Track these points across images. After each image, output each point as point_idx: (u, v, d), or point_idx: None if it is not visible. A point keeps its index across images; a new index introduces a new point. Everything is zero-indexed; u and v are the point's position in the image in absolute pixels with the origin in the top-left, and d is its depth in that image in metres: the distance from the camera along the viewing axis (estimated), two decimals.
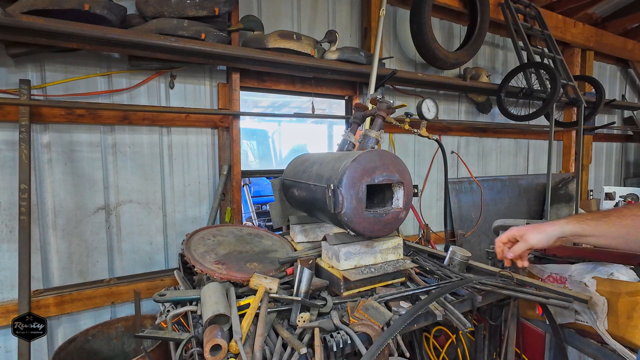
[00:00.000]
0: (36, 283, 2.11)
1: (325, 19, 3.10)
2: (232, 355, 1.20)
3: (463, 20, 3.76)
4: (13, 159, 2.00)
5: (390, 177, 1.60)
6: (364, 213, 1.54)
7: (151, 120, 2.36)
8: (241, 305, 1.43)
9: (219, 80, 2.60)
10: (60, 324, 2.18)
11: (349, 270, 1.60)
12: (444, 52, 3.23)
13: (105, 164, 2.27)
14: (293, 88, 2.91)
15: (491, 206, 4.06)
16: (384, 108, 1.86)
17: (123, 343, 2.19)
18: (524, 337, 2.16)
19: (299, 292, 1.48)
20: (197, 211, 2.60)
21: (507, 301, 1.81)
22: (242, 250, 1.95)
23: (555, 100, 3.46)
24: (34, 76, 2.06)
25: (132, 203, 2.37)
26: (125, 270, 2.37)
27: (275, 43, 2.45)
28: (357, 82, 3.15)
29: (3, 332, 2.01)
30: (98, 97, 2.23)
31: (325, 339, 1.28)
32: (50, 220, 2.14)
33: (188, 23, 2.17)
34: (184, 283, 1.79)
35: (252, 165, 6.95)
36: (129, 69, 2.29)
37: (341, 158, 1.61)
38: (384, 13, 2.88)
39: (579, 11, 4.50)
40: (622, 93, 5.66)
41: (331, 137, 5.72)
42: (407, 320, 1.35)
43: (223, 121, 2.58)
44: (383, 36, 3.07)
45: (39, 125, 2.09)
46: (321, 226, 2.14)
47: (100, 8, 1.91)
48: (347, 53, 2.75)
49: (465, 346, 2.04)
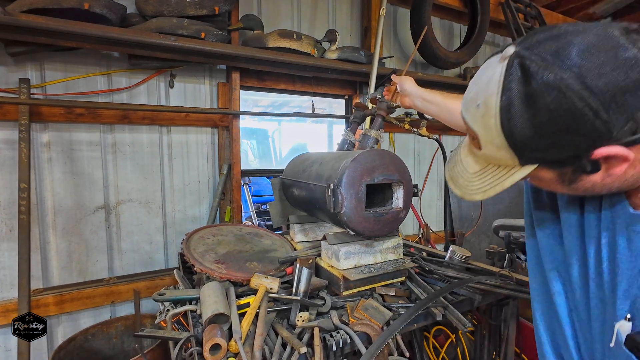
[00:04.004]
0: (36, 282, 2.11)
1: (326, 18, 3.10)
2: (232, 354, 1.20)
3: (463, 20, 3.76)
4: (13, 158, 2.00)
5: (390, 176, 1.60)
6: (363, 212, 1.54)
7: (151, 119, 2.35)
8: (241, 304, 1.43)
9: (218, 80, 2.60)
10: (60, 323, 2.18)
11: (348, 270, 1.60)
12: (444, 52, 3.23)
13: (105, 163, 2.27)
14: (293, 87, 2.91)
15: (491, 206, 4.06)
16: (384, 107, 1.85)
17: (123, 342, 2.19)
18: (524, 337, 2.16)
19: (298, 292, 1.48)
20: (197, 210, 2.60)
21: (506, 301, 1.81)
22: (241, 249, 1.95)
23: None
24: (34, 75, 2.06)
25: (132, 202, 2.36)
26: (125, 269, 2.37)
27: (275, 42, 2.45)
28: (357, 82, 3.14)
29: (3, 331, 2.01)
30: (98, 96, 2.23)
31: (325, 338, 1.28)
32: (50, 220, 2.14)
33: (188, 22, 2.17)
34: (184, 282, 1.79)
35: (252, 165, 6.95)
36: (129, 68, 2.29)
37: (341, 157, 1.61)
38: (384, 12, 2.88)
39: (579, 11, 4.49)
40: None
41: (331, 137, 5.73)
42: (406, 320, 1.35)
43: (223, 120, 2.58)
44: (383, 35, 3.07)
45: (39, 124, 2.09)
46: (321, 225, 2.14)
47: (100, 7, 1.91)
48: (347, 52, 2.75)
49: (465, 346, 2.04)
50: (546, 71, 0.53)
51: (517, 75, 0.56)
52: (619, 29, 0.54)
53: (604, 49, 0.52)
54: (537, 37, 0.58)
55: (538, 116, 0.55)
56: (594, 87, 0.51)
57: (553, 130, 0.56)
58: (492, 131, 0.61)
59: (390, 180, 1.61)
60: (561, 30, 0.56)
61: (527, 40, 0.58)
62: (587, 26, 0.56)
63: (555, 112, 0.54)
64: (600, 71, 0.51)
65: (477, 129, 0.65)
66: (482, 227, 3.90)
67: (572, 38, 0.54)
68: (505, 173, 0.65)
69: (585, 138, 0.55)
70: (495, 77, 0.59)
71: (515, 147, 0.60)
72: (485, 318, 1.87)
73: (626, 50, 0.51)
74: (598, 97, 0.51)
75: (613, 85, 0.51)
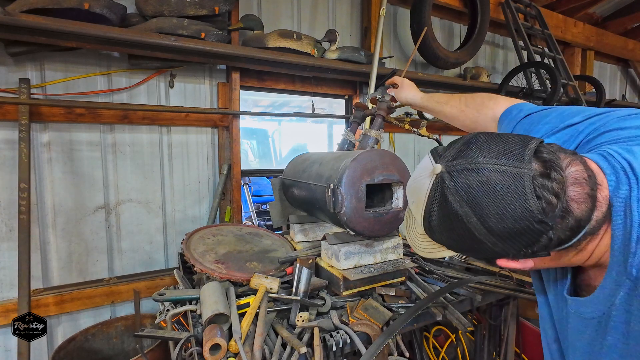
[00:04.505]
0: (36, 282, 2.10)
1: (326, 18, 3.10)
2: (232, 354, 1.20)
3: (463, 20, 3.76)
4: (13, 158, 2.00)
5: (390, 176, 1.60)
6: (363, 212, 1.54)
7: (151, 119, 2.35)
8: (241, 304, 1.43)
9: (218, 80, 2.60)
10: (60, 323, 2.17)
11: (348, 270, 1.60)
12: (444, 52, 3.23)
13: (105, 163, 2.27)
14: (293, 87, 2.91)
15: None
16: (384, 107, 1.85)
17: (123, 342, 2.19)
18: (524, 337, 2.16)
19: (297, 292, 1.48)
20: (197, 210, 2.60)
21: (506, 301, 1.81)
22: (241, 249, 1.95)
23: (556, 100, 3.46)
24: (34, 75, 2.06)
25: (132, 202, 2.36)
26: (125, 269, 2.37)
27: (275, 42, 2.45)
28: (357, 82, 3.14)
29: (3, 331, 2.01)
30: (98, 96, 2.23)
31: (325, 338, 1.28)
32: (50, 220, 2.14)
33: (188, 22, 2.17)
34: (184, 282, 1.79)
35: (252, 165, 6.95)
36: (129, 68, 2.29)
37: (341, 157, 1.61)
38: (384, 12, 2.88)
39: (579, 11, 4.49)
40: (623, 93, 5.65)
41: (331, 137, 5.72)
42: (406, 320, 1.35)
43: (223, 120, 2.58)
44: (383, 35, 3.07)
45: (39, 124, 2.09)
46: (321, 226, 2.14)
47: (100, 7, 1.90)
48: (347, 52, 2.75)
49: (465, 346, 2.04)
50: (458, 206, 0.63)
51: (437, 197, 0.67)
52: (532, 167, 0.59)
53: (506, 194, 0.59)
54: (457, 165, 0.65)
55: (452, 233, 0.67)
56: (492, 229, 0.61)
57: (462, 244, 0.68)
58: (420, 223, 0.73)
59: (390, 180, 1.61)
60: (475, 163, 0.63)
61: (451, 166, 0.66)
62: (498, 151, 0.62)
63: (464, 235, 0.65)
64: (499, 217, 0.60)
65: (413, 210, 0.75)
66: None
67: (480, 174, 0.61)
68: (439, 248, 0.75)
69: (487, 253, 0.66)
70: (423, 189, 0.69)
71: (439, 242, 0.73)
72: (485, 318, 1.87)
73: (526, 202, 0.58)
74: (495, 235, 0.61)
75: (509, 230, 0.60)
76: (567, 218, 0.60)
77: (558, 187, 0.59)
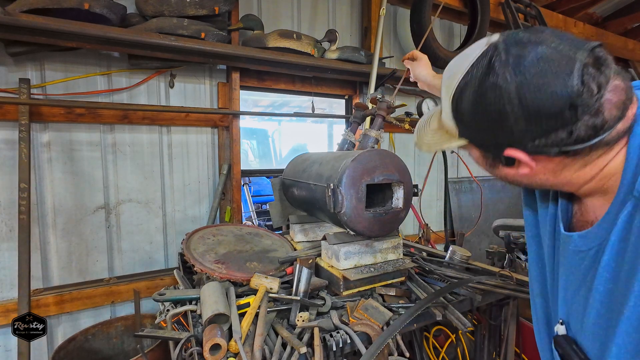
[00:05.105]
0: (36, 282, 2.10)
1: (326, 18, 3.10)
2: (232, 354, 1.20)
3: (463, 20, 3.76)
4: (13, 158, 2.00)
5: (390, 176, 1.60)
6: (363, 212, 1.54)
7: (151, 119, 2.35)
8: (241, 304, 1.43)
9: (218, 80, 2.60)
10: (60, 323, 2.17)
11: (348, 270, 1.60)
12: (444, 52, 3.23)
13: (105, 163, 2.27)
14: (293, 87, 2.91)
15: (491, 206, 4.06)
16: (384, 107, 1.85)
17: (123, 342, 2.19)
18: (524, 337, 2.16)
19: (298, 292, 1.48)
20: (197, 210, 2.60)
21: (506, 301, 1.81)
22: (241, 249, 1.95)
23: None
24: (34, 75, 2.06)
25: (132, 202, 2.36)
26: (125, 269, 2.37)
27: (275, 42, 2.45)
28: (357, 82, 3.14)
29: (3, 331, 2.01)
30: (98, 96, 2.23)
31: (325, 338, 1.28)
32: (50, 220, 2.14)
33: (188, 22, 2.17)
34: (184, 282, 1.79)
35: (252, 165, 6.95)
36: (129, 68, 2.29)
37: (341, 157, 1.61)
38: (384, 12, 2.87)
39: (579, 11, 4.49)
40: None
41: (331, 137, 5.72)
42: (406, 320, 1.35)
43: (223, 120, 2.58)
44: (383, 35, 3.07)
45: (39, 124, 2.09)
46: (321, 225, 2.14)
47: (100, 7, 1.90)
48: (347, 52, 2.75)
49: (465, 346, 2.04)
50: (502, 73, 0.61)
51: (482, 65, 0.64)
52: (587, 56, 0.58)
53: (554, 70, 0.58)
54: (520, 36, 0.63)
55: (479, 104, 0.65)
56: (525, 99, 0.59)
57: (484, 119, 0.66)
58: (447, 100, 0.72)
59: (390, 180, 1.61)
60: (539, 38, 0.61)
61: (511, 36, 0.64)
62: (563, 39, 0.61)
63: (491, 106, 0.62)
64: (538, 89, 0.58)
65: (442, 92, 0.75)
66: (482, 227, 3.90)
67: (538, 47, 0.60)
68: (448, 139, 0.77)
69: (502, 136, 0.65)
70: (470, 58, 0.66)
71: (456, 120, 0.72)
72: (485, 318, 1.87)
73: (570, 80, 0.57)
74: (523, 109, 0.59)
75: (540, 106, 0.58)
76: (595, 116, 0.58)
77: (604, 80, 0.58)
